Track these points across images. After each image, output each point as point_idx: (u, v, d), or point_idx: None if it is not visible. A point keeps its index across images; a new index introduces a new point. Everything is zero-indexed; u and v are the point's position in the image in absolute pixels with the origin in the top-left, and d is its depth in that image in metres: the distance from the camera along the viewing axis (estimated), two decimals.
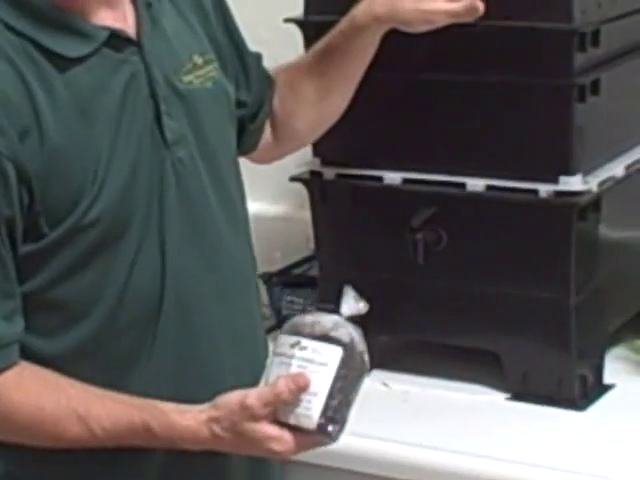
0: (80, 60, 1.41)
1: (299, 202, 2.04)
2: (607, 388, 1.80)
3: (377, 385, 1.83)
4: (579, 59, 1.70)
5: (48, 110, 1.38)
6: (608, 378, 1.82)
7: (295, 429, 1.37)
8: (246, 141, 1.70)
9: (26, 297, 1.41)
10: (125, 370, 1.45)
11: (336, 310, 1.42)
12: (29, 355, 1.42)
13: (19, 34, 1.39)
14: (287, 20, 1.86)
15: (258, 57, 1.73)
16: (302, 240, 2.08)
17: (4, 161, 1.35)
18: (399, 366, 1.86)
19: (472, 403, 1.79)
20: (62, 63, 1.40)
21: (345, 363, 1.37)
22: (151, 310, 1.45)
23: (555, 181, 1.72)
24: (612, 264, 1.84)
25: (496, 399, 1.79)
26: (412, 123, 1.81)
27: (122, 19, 1.47)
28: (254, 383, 1.40)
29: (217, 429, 1.38)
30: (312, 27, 1.84)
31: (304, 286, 1.98)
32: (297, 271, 2.11)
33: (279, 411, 1.36)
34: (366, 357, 1.41)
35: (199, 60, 1.54)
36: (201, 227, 1.50)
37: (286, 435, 1.37)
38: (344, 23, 1.69)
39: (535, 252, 1.75)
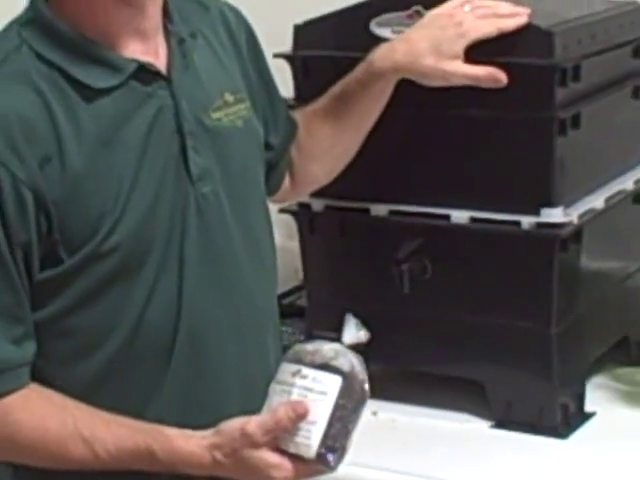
0: (107, 91, 1.42)
1: (288, 233, 2.04)
2: (588, 416, 1.81)
3: (366, 413, 1.81)
4: (560, 94, 1.71)
5: (72, 139, 1.39)
6: (589, 406, 1.82)
7: (295, 457, 1.36)
8: (270, 184, 1.70)
9: (40, 324, 1.42)
10: (137, 399, 1.46)
11: (338, 338, 1.40)
12: (41, 381, 1.42)
13: (49, 63, 1.41)
14: (276, 55, 1.86)
15: (286, 101, 1.74)
16: (291, 271, 2.07)
17: (22, 188, 1.36)
18: (387, 395, 1.84)
19: (457, 431, 1.79)
20: (89, 93, 1.41)
21: (344, 392, 1.37)
22: (165, 342, 1.46)
23: (537, 213, 1.72)
24: (593, 294, 1.85)
25: (480, 427, 1.80)
26: (398, 156, 1.81)
27: (153, 53, 1.47)
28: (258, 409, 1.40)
29: (218, 455, 1.38)
30: (299, 61, 1.85)
31: (293, 316, 1.98)
32: (286, 301, 2.10)
33: (279, 439, 1.37)
34: (366, 386, 1.42)
35: (230, 98, 1.55)
36: (221, 264, 1.49)
37: (286, 463, 1.37)
38: (361, 68, 1.70)
39: (517, 282, 1.76)
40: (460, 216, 1.77)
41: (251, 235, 1.54)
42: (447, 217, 1.77)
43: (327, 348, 1.39)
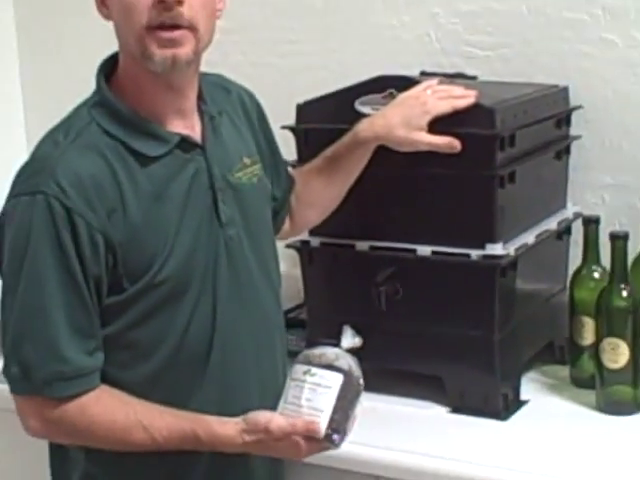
0: (158, 158, 1.43)
1: (292, 263, 2.03)
2: (523, 403, 1.80)
3: None
4: (500, 156, 1.71)
5: (131, 195, 1.40)
6: (524, 395, 1.81)
7: (307, 437, 1.38)
8: (276, 225, 1.70)
9: (107, 338, 1.42)
10: (182, 396, 1.45)
11: (338, 344, 1.42)
12: (109, 382, 1.42)
13: (112, 137, 1.42)
14: (283, 127, 1.86)
15: (286, 163, 1.75)
16: (295, 291, 2.06)
17: (95, 233, 1.37)
18: (369, 387, 1.77)
19: (423, 415, 1.78)
20: (144, 160, 1.42)
21: (345, 386, 1.39)
22: (203, 351, 1.46)
23: (483, 247, 1.72)
24: (526, 309, 1.84)
25: (440, 412, 1.79)
26: (376, 205, 1.81)
27: (191, 127, 1.48)
28: (274, 400, 1.41)
29: (247, 438, 1.39)
30: (301, 132, 1.86)
31: (296, 327, 1.96)
32: (291, 315, 2.09)
33: None
34: (361, 381, 1.43)
35: (247, 161, 1.56)
36: (244, 288, 1.50)
37: (301, 442, 1.38)
38: (348, 137, 1.71)
39: (468, 301, 1.75)
40: (424, 250, 1.76)
41: (264, 265, 1.55)
42: (414, 251, 1.77)
43: (330, 352, 1.40)
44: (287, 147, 1.85)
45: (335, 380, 1.38)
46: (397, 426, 1.74)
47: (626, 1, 1.92)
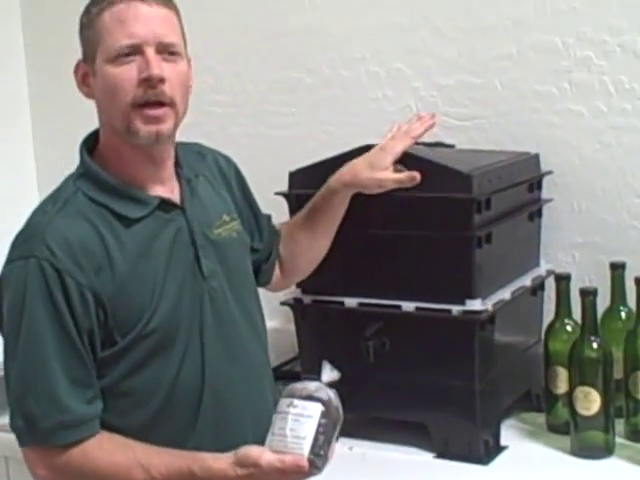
0: (140, 219, 1.45)
1: (287, 319, 2.05)
2: (503, 448, 1.80)
3: (344, 448, 1.82)
4: (477, 218, 1.73)
5: (117, 253, 1.42)
6: (503, 441, 1.82)
7: None
8: (263, 276, 1.72)
9: (104, 388, 1.43)
10: (178, 438, 1.46)
11: (318, 378, 1.43)
12: (108, 429, 1.43)
13: (97, 203, 1.44)
14: (277, 193, 1.89)
15: (268, 217, 1.77)
16: (289, 345, 2.07)
17: (85, 290, 1.39)
18: (359, 435, 1.86)
19: (408, 460, 1.79)
20: (127, 222, 1.45)
21: (325, 414, 1.39)
22: (195, 397, 1.46)
23: (463, 303, 1.73)
24: (504, 360, 1.85)
25: (426, 457, 1.79)
26: (363, 264, 1.82)
27: (170, 191, 1.51)
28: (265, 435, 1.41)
29: (239, 471, 1.37)
30: (293, 198, 1.88)
31: (291, 378, 1.92)
32: (285, 368, 2.10)
33: (279, 449, 1.37)
34: (340, 410, 1.43)
35: (227, 218, 1.58)
36: (230, 336, 1.51)
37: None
38: (323, 189, 1.74)
39: (450, 353, 1.76)
40: (409, 306, 1.77)
41: (248, 313, 1.57)
42: (399, 307, 1.78)
43: (310, 385, 1.42)
44: (281, 212, 1.88)
45: (315, 409, 1.39)
46: (386, 471, 1.75)
47: (591, 75, 1.98)
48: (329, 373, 1.44)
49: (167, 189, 1.51)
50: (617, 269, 1.85)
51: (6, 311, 1.43)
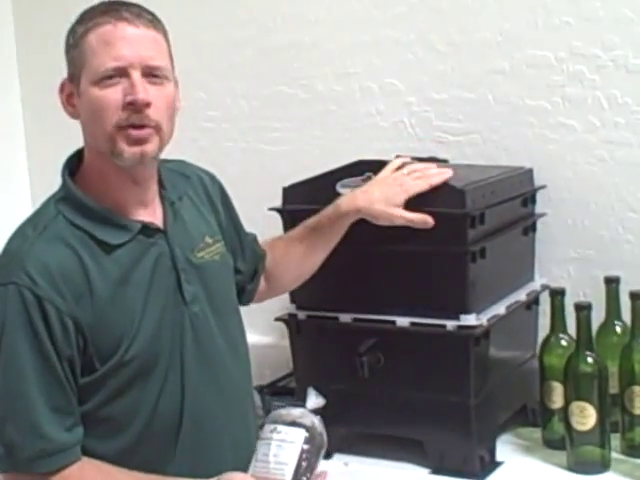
0: (121, 245, 1.43)
1: (281, 335, 2.04)
2: (498, 464, 1.80)
3: (339, 465, 1.83)
4: (471, 234, 1.73)
5: (98, 280, 1.40)
6: (499, 457, 1.82)
7: None
8: (246, 296, 1.72)
9: (84, 414, 1.42)
10: (158, 464, 1.45)
11: (303, 405, 1.42)
12: (89, 454, 1.41)
13: (78, 228, 1.42)
14: (270, 209, 1.89)
15: (254, 237, 1.75)
16: (284, 361, 2.07)
17: (64, 317, 1.37)
18: (355, 451, 1.86)
19: (404, 476, 1.78)
20: (108, 248, 1.43)
21: (308, 440, 1.38)
22: (174, 423, 1.45)
23: (457, 318, 1.73)
24: (499, 375, 1.84)
25: (421, 474, 1.78)
26: (358, 280, 1.82)
27: (152, 214, 1.49)
28: (248, 463, 1.39)
29: None
30: (287, 214, 1.88)
31: (286, 394, 1.98)
32: (281, 384, 2.10)
33: (261, 475, 1.37)
34: (325, 436, 1.42)
35: (210, 240, 1.56)
36: (211, 362, 1.50)
37: None
38: (330, 209, 1.72)
39: (445, 368, 1.75)
40: (403, 321, 1.77)
41: (230, 338, 1.55)
42: (394, 322, 1.77)
43: (295, 411, 1.42)
44: (274, 227, 1.88)
45: (298, 435, 1.38)
46: None
47: (584, 90, 1.98)
48: (314, 399, 1.44)
49: (150, 212, 1.49)
50: (612, 283, 1.85)
51: None
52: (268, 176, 2.20)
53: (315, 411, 1.43)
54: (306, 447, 1.38)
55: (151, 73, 1.42)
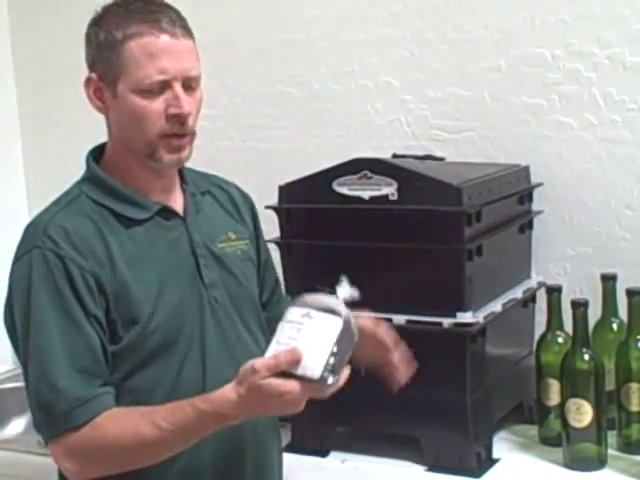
0: (140, 222, 1.48)
1: None
2: (495, 461, 1.80)
3: (336, 462, 1.84)
4: (467, 231, 1.74)
5: (117, 253, 1.44)
6: (496, 454, 1.82)
7: (300, 379, 1.29)
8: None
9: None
10: None
11: (335, 293, 1.35)
12: None
13: (99, 204, 1.47)
14: (267, 207, 1.89)
15: (276, 279, 1.71)
16: None
17: (87, 275, 1.41)
18: (353, 448, 1.86)
19: (402, 473, 1.79)
20: (127, 223, 1.47)
21: (343, 331, 1.31)
22: (195, 395, 1.41)
23: (454, 316, 1.73)
24: (495, 373, 1.84)
25: (417, 471, 1.79)
26: (353, 277, 1.63)
27: (173, 200, 1.53)
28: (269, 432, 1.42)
29: (241, 390, 1.32)
30: (283, 212, 1.88)
31: None
32: None
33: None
34: (356, 329, 1.34)
35: (233, 236, 1.59)
36: (232, 345, 1.51)
37: (292, 383, 1.30)
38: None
39: (441, 366, 1.74)
40: (399, 319, 1.77)
41: (245, 318, 1.55)
42: (390, 320, 1.74)
43: (329, 298, 1.33)
44: (271, 225, 1.88)
45: (334, 324, 1.30)
46: None
47: (580, 87, 1.99)
48: (348, 290, 1.36)
49: (170, 198, 1.53)
50: (608, 281, 1.85)
51: (16, 306, 1.44)
52: (264, 174, 2.20)
53: (347, 303, 1.34)
54: (340, 339, 1.30)
55: (189, 82, 1.46)
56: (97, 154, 1.54)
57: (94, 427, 1.39)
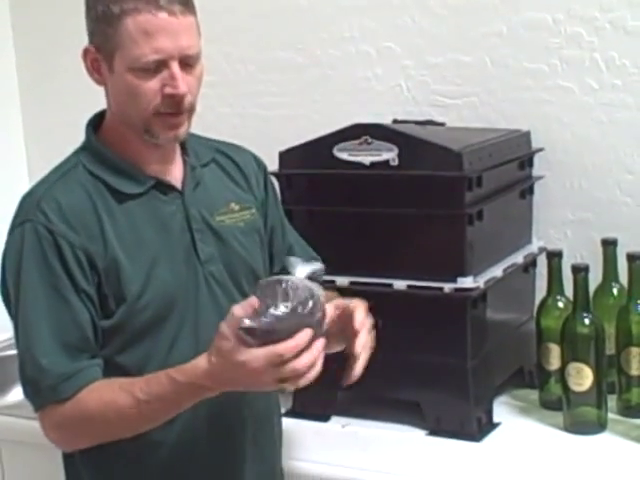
0: (134, 196, 1.46)
1: None
2: (495, 425, 1.81)
3: (337, 426, 1.84)
4: (468, 196, 1.73)
5: (110, 228, 1.43)
6: (496, 418, 1.82)
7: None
8: None
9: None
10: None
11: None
12: None
13: (96, 177, 1.46)
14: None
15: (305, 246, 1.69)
16: None
17: (78, 251, 1.41)
18: (353, 413, 1.87)
19: (403, 438, 1.79)
20: (121, 197, 1.46)
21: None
22: None
23: (454, 281, 1.73)
24: (496, 338, 1.85)
25: (419, 435, 1.80)
26: (354, 243, 1.82)
27: (171, 175, 1.51)
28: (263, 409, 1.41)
29: (212, 358, 1.32)
30: (284, 177, 1.87)
31: None
32: None
33: None
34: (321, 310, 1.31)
35: (236, 207, 1.57)
36: (225, 313, 1.43)
37: (255, 350, 1.27)
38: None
39: (442, 330, 1.75)
40: (400, 284, 1.77)
41: (245, 293, 1.52)
42: (391, 285, 1.77)
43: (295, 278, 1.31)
44: None
45: (315, 286, 1.30)
46: (378, 449, 1.75)
47: (581, 52, 1.97)
48: (307, 267, 1.32)
49: (168, 171, 1.51)
50: (609, 245, 1.85)
51: (8, 278, 1.45)
52: (265, 141, 2.13)
53: (311, 278, 1.32)
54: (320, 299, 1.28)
55: (187, 60, 1.44)
56: (97, 122, 1.53)
57: (77, 401, 1.39)
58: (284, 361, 1.28)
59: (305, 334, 1.30)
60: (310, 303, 1.30)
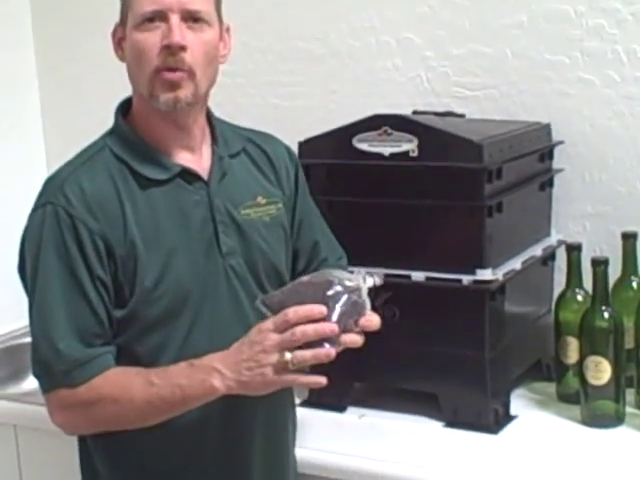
0: (158, 183, 1.46)
1: None
2: (512, 418, 1.80)
3: (354, 417, 1.84)
4: (488, 188, 1.72)
5: (131, 214, 1.43)
6: (513, 410, 1.82)
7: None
8: None
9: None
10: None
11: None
12: None
13: (121, 161, 1.46)
14: None
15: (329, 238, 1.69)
16: None
17: (96, 238, 1.40)
18: (370, 404, 1.86)
19: (418, 429, 1.79)
20: (145, 183, 1.45)
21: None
22: None
23: (473, 273, 1.72)
24: (513, 330, 1.84)
25: (435, 426, 1.79)
26: (373, 234, 1.81)
27: (198, 164, 1.50)
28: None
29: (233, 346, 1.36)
30: (303, 167, 1.78)
31: None
32: None
33: None
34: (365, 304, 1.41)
35: (262, 200, 1.55)
36: (243, 308, 1.50)
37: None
38: None
39: (460, 322, 1.75)
40: (418, 276, 1.77)
41: (264, 288, 1.53)
42: (409, 277, 1.77)
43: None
44: None
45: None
46: (395, 440, 1.75)
47: (602, 44, 1.96)
48: (371, 279, 1.41)
49: (195, 160, 1.50)
50: (628, 239, 1.84)
51: (27, 258, 1.45)
52: (284, 131, 2.10)
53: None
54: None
55: (191, 17, 1.43)
56: (126, 107, 1.52)
57: (89, 387, 1.40)
58: (289, 325, 1.32)
59: (317, 307, 1.33)
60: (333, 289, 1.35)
